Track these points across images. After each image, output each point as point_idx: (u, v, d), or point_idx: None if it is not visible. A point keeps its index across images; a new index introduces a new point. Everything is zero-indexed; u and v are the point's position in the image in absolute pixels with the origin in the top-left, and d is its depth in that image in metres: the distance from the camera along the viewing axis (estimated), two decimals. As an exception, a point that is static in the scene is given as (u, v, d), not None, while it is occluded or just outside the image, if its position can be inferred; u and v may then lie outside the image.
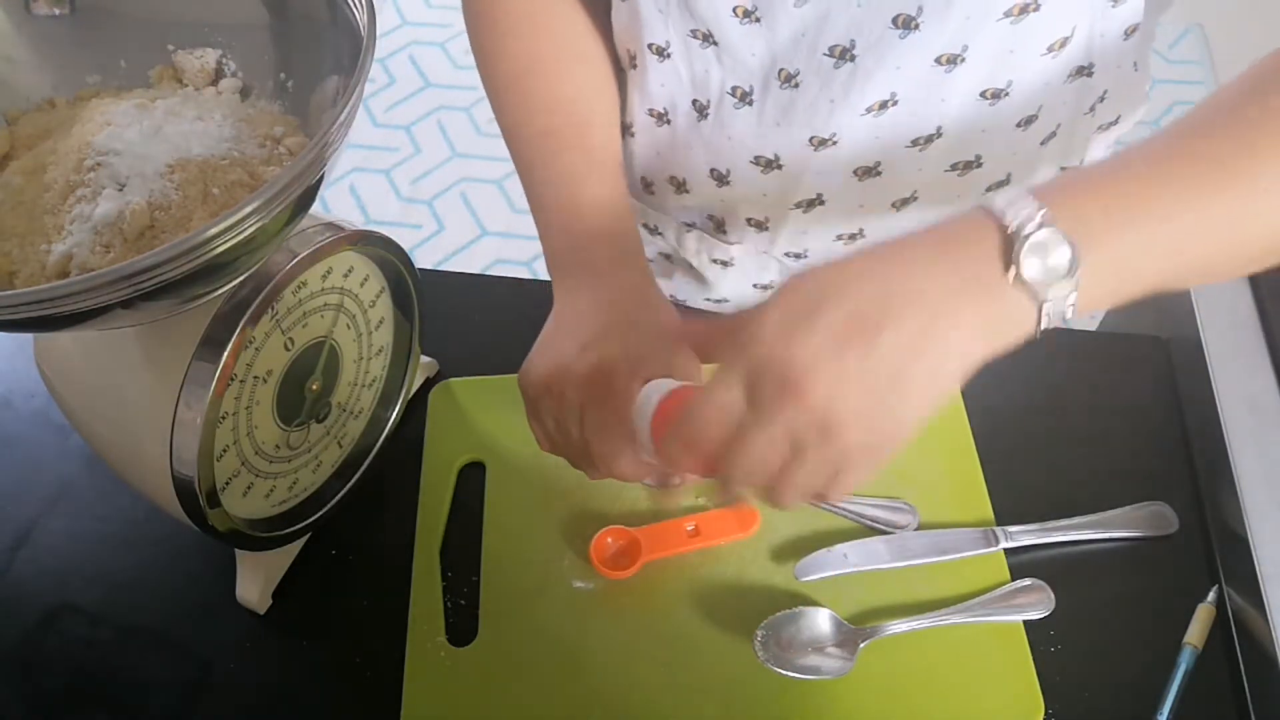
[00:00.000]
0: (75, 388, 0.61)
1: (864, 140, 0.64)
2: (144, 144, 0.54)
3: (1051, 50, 0.59)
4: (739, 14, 0.61)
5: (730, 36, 0.62)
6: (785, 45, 0.61)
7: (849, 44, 0.59)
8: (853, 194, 0.69)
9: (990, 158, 0.66)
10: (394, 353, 0.70)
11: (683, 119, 0.70)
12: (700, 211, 0.77)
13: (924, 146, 0.64)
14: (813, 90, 0.63)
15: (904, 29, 0.58)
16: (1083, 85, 0.63)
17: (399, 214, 2.11)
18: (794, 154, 0.67)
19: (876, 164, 0.66)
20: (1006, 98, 0.61)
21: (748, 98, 0.65)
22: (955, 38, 0.58)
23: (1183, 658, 0.62)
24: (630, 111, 0.73)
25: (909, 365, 0.39)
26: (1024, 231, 0.39)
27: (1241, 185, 0.41)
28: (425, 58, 2.41)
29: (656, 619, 0.64)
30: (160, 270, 0.44)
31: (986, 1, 0.56)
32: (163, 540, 0.69)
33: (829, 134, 0.64)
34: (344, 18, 0.55)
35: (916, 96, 0.61)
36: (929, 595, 0.64)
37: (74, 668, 0.65)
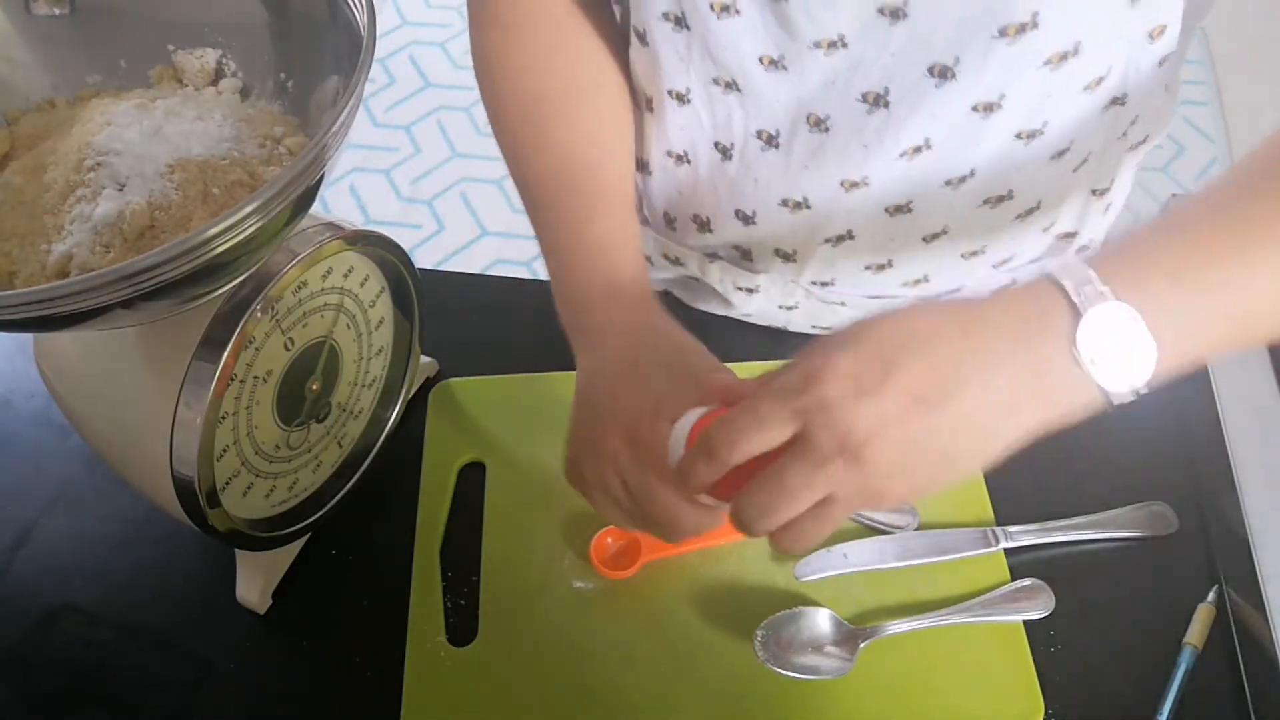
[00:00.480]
0: (75, 388, 0.61)
1: (896, 181, 0.63)
2: (144, 144, 0.54)
3: (1088, 89, 0.58)
4: (765, 63, 0.59)
5: (755, 84, 0.61)
6: (814, 91, 0.60)
7: (882, 91, 0.58)
8: (883, 229, 0.68)
9: (1022, 190, 0.65)
10: (394, 353, 0.70)
11: (704, 161, 0.69)
12: (725, 244, 0.75)
13: (956, 186, 0.63)
14: (844, 134, 0.61)
15: (940, 78, 0.56)
16: (1116, 114, 0.62)
17: (399, 214, 2.11)
18: (824, 196, 0.65)
19: (908, 202, 0.65)
20: (1041, 136, 0.61)
21: (774, 140, 0.64)
22: (993, 87, 0.57)
23: (1183, 658, 0.62)
24: (647, 150, 0.72)
25: (967, 442, 0.40)
26: (1095, 317, 0.39)
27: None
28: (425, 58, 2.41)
29: (656, 619, 0.64)
30: (160, 270, 0.44)
31: (1025, 52, 0.54)
32: (163, 540, 0.69)
33: (860, 177, 0.63)
34: (344, 18, 0.55)
35: (951, 141, 0.60)
36: (929, 595, 0.64)
37: (74, 668, 0.65)
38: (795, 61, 0.59)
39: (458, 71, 2.36)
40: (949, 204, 0.65)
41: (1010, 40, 0.54)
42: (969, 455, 0.40)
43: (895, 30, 0.55)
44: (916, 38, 0.55)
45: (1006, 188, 0.65)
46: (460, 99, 2.30)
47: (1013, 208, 0.67)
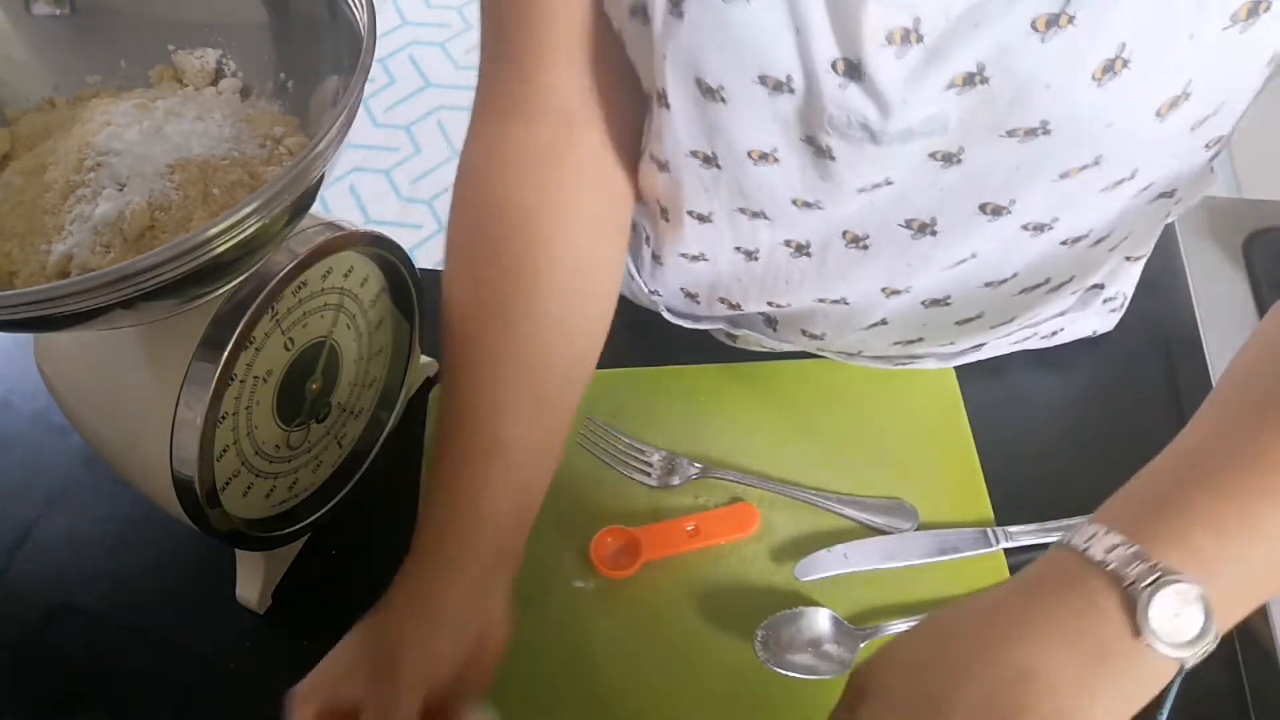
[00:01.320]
0: (75, 388, 0.61)
1: (938, 284, 0.63)
2: (144, 144, 0.54)
3: (1138, 194, 0.57)
4: (798, 204, 0.58)
5: (787, 215, 0.59)
6: (852, 216, 0.58)
7: (929, 220, 0.57)
8: (918, 318, 0.67)
9: (1060, 276, 0.65)
10: (394, 353, 0.70)
11: (726, 261, 0.66)
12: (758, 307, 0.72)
13: (997, 286, 0.63)
14: (886, 253, 0.60)
15: (993, 215, 0.55)
16: (1163, 204, 0.61)
17: (399, 214, 2.11)
18: (863, 298, 0.65)
19: (946, 297, 0.65)
20: (1085, 238, 0.60)
21: (805, 250, 0.62)
22: (1047, 211, 0.56)
23: (1183, 658, 0.62)
24: (661, 248, 0.69)
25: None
26: (1146, 599, 0.35)
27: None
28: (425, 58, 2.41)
29: (656, 619, 0.64)
30: (160, 270, 0.44)
31: (1085, 185, 0.53)
32: (163, 540, 0.69)
33: (904, 287, 0.63)
34: (344, 18, 0.55)
35: (996, 253, 0.60)
36: (929, 595, 0.64)
37: (74, 668, 0.65)
38: (833, 202, 0.57)
39: (458, 71, 2.36)
40: (987, 297, 0.65)
41: (1071, 179, 0.53)
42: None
43: (946, 172, 0.53)
44: (969, 178, 0.53)
45: (1045, 277, 0.64)
46: (460, 99, 2.30)
47: (1047, 288, 0.66)
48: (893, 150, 0.52)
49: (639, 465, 0.70)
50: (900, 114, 0.49)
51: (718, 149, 0.56)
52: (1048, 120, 0.48)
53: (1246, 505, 0.38)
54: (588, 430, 0.71)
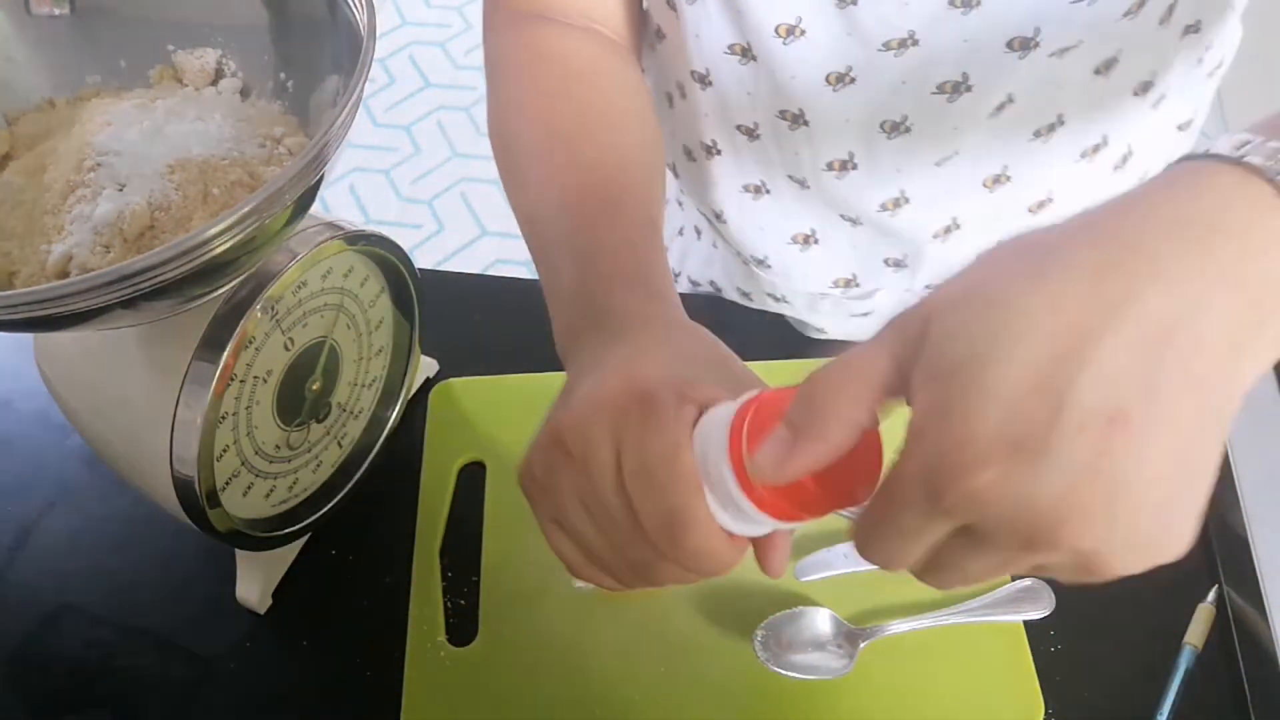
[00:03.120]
0: (75, 388, 0.61)
1: (985, 144, 0.62)
2: (144, 144, 0.54)
3: (1163, 22, 0.58)
4: (832, 81, 0.58)
5: (824, 107, 0.59)
6: (886, 95, 0.58)
7: (961, 77, 0.57)
8: (989, 208, 0.66)
9: (1114, 133, 0.64)
10: (394, 353, 0.70)
11: (784, 189, 0.67)
12: (826, 279, 0.72)
13: (1046, 136, 0.62)
14: (928, 129, 0.60)
15: (1021, 50, 0.56)
16: (1192, 41, 0.61)
17: (399, 214, 2.11)
18: (918, 184, 0.64)
19: (1004, 170, 0.64)
20: (1118, 66, 0.60)
21: (849, 164, 0.62)
22: (1074, 36, 0.57)
23: (1183, 658, 0.62)
24: (717, 196, 0.69)
25: (1205, 434, 0.28)
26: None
27: None
28: (425, 58, 2.41)
29: (656, 619, 0.64)
30: (160, 270, 0.44)
31: (1108, 6, 0.54)
32: (163, 540, 0.69)
33: (951, 151, 0.63)
34: (344, 18, 0.55)
35: (1033, 95, 0.60)
36: (929, 595, 0.64)
37: (74, 668, 0.65)
38: (864, 70, 0.57)
39: (458, 71, 2.36)
40: (1044, 162, 0.63)
41: (1090, 2, 0.53)
42: (1211, 443, 0.28)
43: (968, 18, 0.54)
44: (990, 18, 0.54)
45: (1101, 134, 0.63)
46: (460, 99, 2.30)
47: (1108, 156, 0.65)
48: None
49: (639, 465, 0.70)
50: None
51: (749, 37, 0.58)
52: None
53: None
54: (588, 430, 0.71)
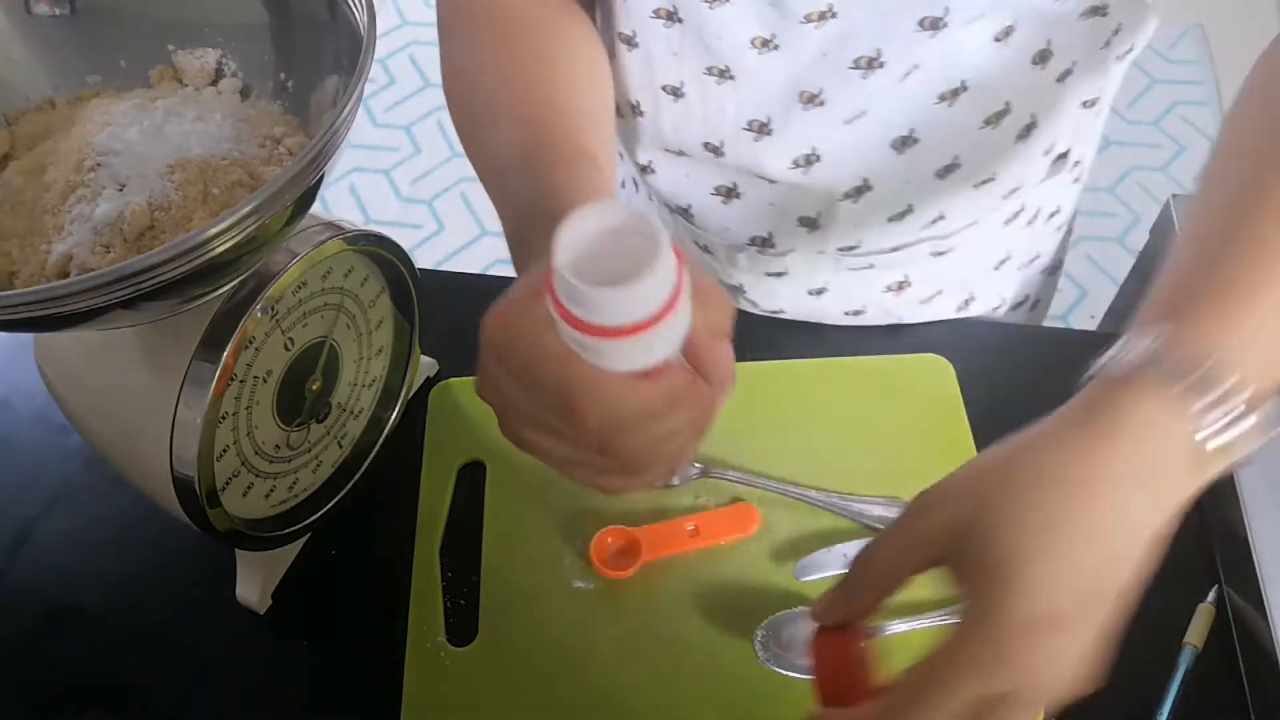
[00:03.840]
0: (75, 388, 0.61)
1: (893, 107, 0.65)
2: (144, 144, 0.54)
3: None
4: (757, 44, 0.61)
5: (748, 68, 0.62)
6: (806, 66, 0.61)
7: (875, 54, 0.60)
8: (897, 171, 0.69)
9: (1017, 101, 0.66)
10: (394, 353, 0.70)
11: (699, 156, 0.70)
12: (745, 231, 0.76)
13: (951, 101, 0.64)
14: (841, 103, 0.63)
15: (932, 29, 0.58)
16: (1097, 23, 0.63)
17: (399, 214, 2.11)
18: (830, 143, 0.67)
19: (911, 131, 0.66)
20: (1016, 33, 0.61)
21: (766, 128, 0.65)
22: (983, 10, 0.59)
23: (1183, 658, 0.62)
24: (646, 151, 0.73)
25: (1115, 590, 0.39)
26: (1215, 431, 0.37)
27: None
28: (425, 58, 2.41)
29: (656, 619, 0.64)
30: (160, 270, 0.44)
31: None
32: (163, 540, 0.69)
33: (861, 111, 0.65)
34: (344, 18, 0.55)
35: (938, 59, 0.62)
36: (929, 595, 0.64)
37: (74, 668, 0.65)
38: (787, 38, 0.60)
39: (458, 71, 2.36)
40: (950, 124, 0.66)
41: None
42: (1127, 569, 0.40)
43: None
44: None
45: (1001, 100, 0.66)
46: (460, 99, 2.30)
47: (1010, 125, 0.68)
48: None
49: (639, 465, 0.70)
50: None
51: (676, 1, 0.61)
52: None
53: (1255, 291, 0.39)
54: (588, 430, 0.71)
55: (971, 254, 0.78)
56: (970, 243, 0.77)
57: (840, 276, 0.78)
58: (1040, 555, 0.37)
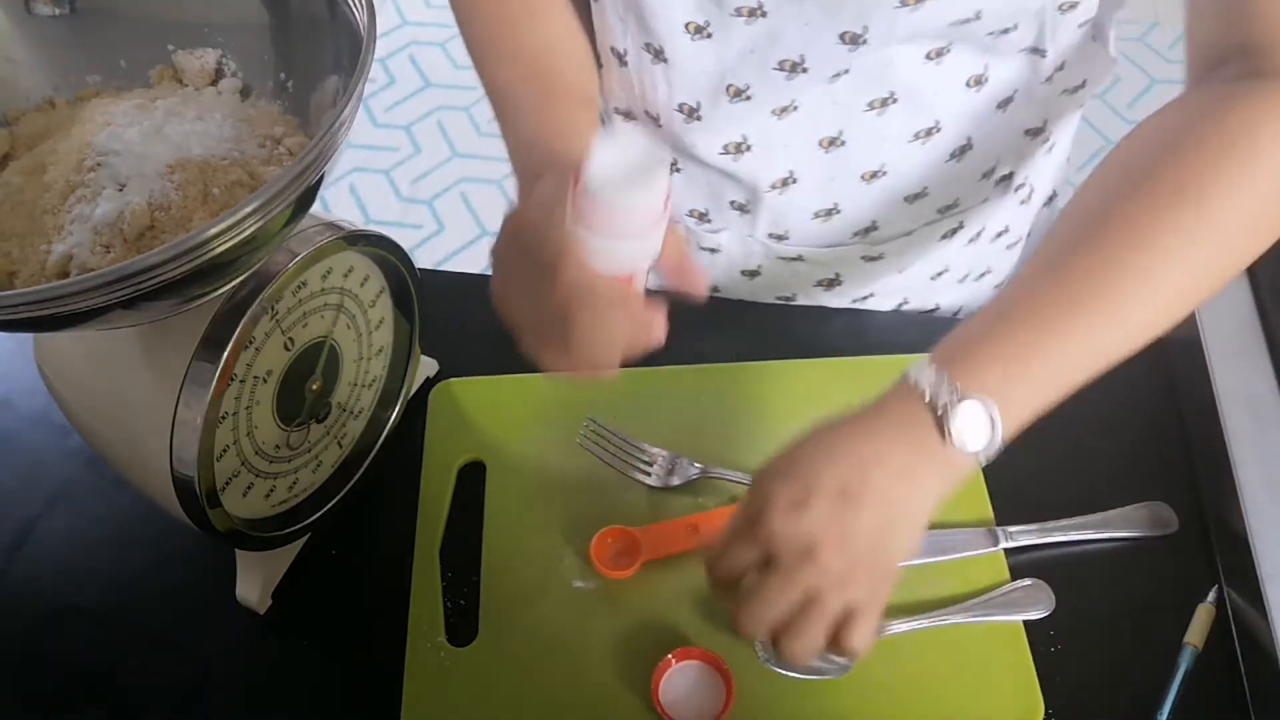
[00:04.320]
0: (75, 388, 0.61)
1: (823, 108, 0.66)
2: (144, 144, 0.54)
3: (992, 34, 0.62)
4: (690, 30, 0.63)
5: (680, 52, 0.64)
6: (735, 60, 0.64)
7: (799, 59, 0.62)
8: (821, 168, 0.70)
9: (948, 122, 0.68)
10: (394, 353, 0.70)
11: (642, 122, 0.72)
12: (684, 205, 0.78)
13: (880, 111, 0.66)
14: (768, 100, 0.65)
15: (852, 44, 0.60)
16: (1035, 61, 0.66)
17: (399, 214, 2.11)
18: (760, 135, 0.69)
19: (839, 133, 0.68)
20: (950, 54, 0.63)
21: (695, 113, 0.68)
22: (901, 39, 0.61)
23: (1183, 658, 0.62)
24: (606, 104, 0.76)
25: (892, 519, 0.48)
26: (949, 414, 0.47)
27: (1113, 300, 0.49)
28: (425, 58, 2.41)
29: (656, 619, 0.64)
30: (160, 270, 0.44)
31: (930, 16, 0.59)
32: (163, 540, 0.69)
33: (789, 101, 0.66)
34: (344, 18, 0.55)
35: (867, 71, 0.64)
36: (929, 595, 0.64)
37: (74, 668, 0.65)
38: (719, 29, 0.62)
39: (458, 71, 2.36)
40: (878, 134, 0.68)
41: (912, 8, 0.58)
42: (901, 525, 0.49)
43: (805, 3, 0.59)
44: (827, 9, 0.59)
45: (932, 118, 0.67)
46: (460, 99, 2.30)
47: (942, 144, 0.69)
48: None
49: (639, 465, 0.70)
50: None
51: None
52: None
53: (1037, 334, 0.49)
54: (588, 430, 0.71)
55: (905, 263, 0.79)
56: (903, 252, 0.78)
57: (772, 263, 0.80)
58: (807, 462, 0.48)
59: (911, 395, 0.49)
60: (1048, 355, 0.49)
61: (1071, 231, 0.51)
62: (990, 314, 0.50)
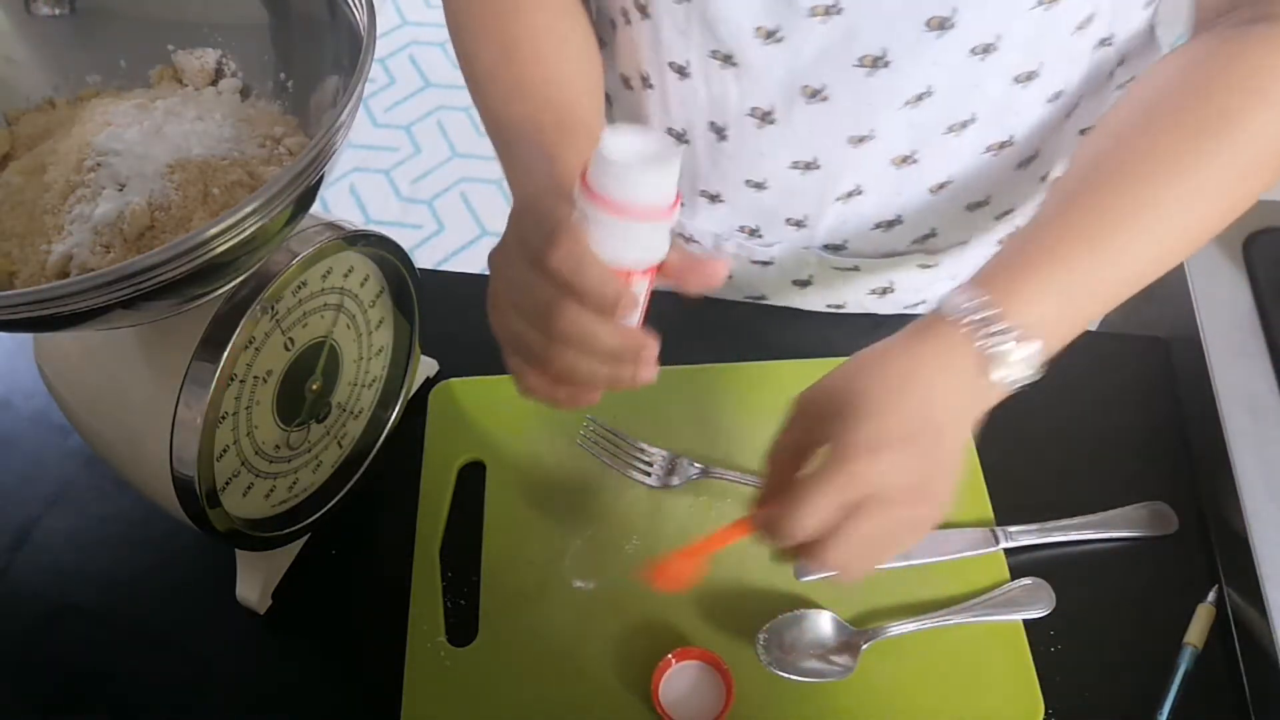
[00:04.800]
0: (75, 388, 0.61)
1: (900, 132, 0.65)
2: (144, 144, 0.54)
3: (1080, 28, 0.61)
4: (761, 34, 0.61)
5: (750, 57, 0.62)
6: (809, 62, 0.61)
7: (880, 52, 0.60)
8: (890, 183, 0.69)
9: (1021, 136, 0.67)
10: (394, 353, 0.70)
11: (702, 141, 0.70)
12: (733, 224, 0.76)
13: (959, 132, 0.65)
14: (844, 100, 0.63)
15: (939, 30, 0.58)
16: (1104, 54, 0.65)
17: (399, 214, 2.11)
18: (832, 155, 0.67)
19: (913, 152, 0.67)
20: (1038, 79, 0.63)
21: (769, 117, 0.65)
22: (990, 28, 0.59)
23: (1183, 658, 0.62)
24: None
25: (951, 448, 0.49)
26: (995, 348, 0.48)
27: (1148, 222, 0.50)
28: (425, 58, 2.41)
29: (657, 621, 0.64)
30: (160, 270, 0.44)
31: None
32: (163, 540, 0.69)
33: (867, 130, 0.65)
34: (344, 18, 0.55)
35: (952, 89, 0.62)
36: (929, 595, 0.64)
37: (74, 668, 0.65)
38: (791, 32, 0.60)
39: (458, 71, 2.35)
40: (953, 152, 0.67)
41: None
42: (956, 453, 0.50)
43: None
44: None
45: (1007, 134, 0.67)
46: (460, 99, 2.30)
47: (1013, 155, 0.68)
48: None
49: (639, 465, 0.70)
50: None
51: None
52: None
53: (1067, 261, 0.50)
54: (588, 430, 0.71)
55: (959, 269, 0.78)
56: (959, 259, 0.77)
57: (826, 273, 0.79)
58: (876, 404, 0.48)
59: (954, 328, 0.49)
60: (1088, 282, 0.50)
61: (1096, 164, 0.52)
62: (1028, 243, 0.51)
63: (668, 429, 0.72)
